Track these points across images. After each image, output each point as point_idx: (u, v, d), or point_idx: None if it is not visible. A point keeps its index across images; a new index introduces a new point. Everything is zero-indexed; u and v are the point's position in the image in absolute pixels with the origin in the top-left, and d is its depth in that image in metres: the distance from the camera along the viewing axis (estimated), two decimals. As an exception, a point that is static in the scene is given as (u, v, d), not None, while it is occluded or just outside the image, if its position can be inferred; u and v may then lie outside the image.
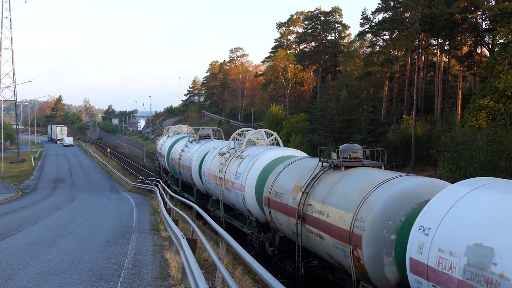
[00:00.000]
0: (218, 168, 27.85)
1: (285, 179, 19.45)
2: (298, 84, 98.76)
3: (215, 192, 29.08)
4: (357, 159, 17.18)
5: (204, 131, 39.39)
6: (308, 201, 16.80)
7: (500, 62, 41.26)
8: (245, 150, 25.89)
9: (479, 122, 40.45)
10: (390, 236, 12.98)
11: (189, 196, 36.88)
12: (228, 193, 25.85)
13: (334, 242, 14.79)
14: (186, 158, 37.76)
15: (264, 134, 27.46)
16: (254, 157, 23.72)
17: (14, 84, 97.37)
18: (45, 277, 15.13)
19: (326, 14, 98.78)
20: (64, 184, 64.21)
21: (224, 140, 38.25)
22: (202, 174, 31.98)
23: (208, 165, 30.47)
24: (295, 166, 19.81)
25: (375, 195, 13.64)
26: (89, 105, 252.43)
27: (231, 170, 25.49)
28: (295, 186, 18.13)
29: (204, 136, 38.73)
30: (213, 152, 30.81)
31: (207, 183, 30.98)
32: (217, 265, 12.30)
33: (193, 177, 35.02)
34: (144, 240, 21.92)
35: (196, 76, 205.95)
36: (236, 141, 28.48)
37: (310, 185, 16.99)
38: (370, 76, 72.32)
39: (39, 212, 35.50)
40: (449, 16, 49.12)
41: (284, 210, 18.64)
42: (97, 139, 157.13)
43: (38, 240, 21.93)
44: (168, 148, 46.63)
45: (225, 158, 27.28)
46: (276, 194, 19.44)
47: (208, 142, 36.05)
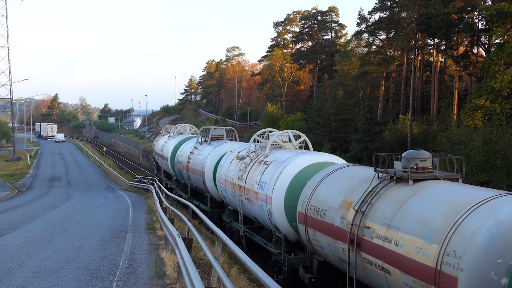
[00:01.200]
0: (236, 175, 24.14)
1: (327, 192, 16.07)
2: (294, 84, 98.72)
3: (232, 202, 25.45)
4: (426, 169, 13.78)
5: (217, 131, 35.20)
6: (364, 223, 13.32)
7: (496, 62, 41.32)
8: (270, 155, 22.34)
9: (475, 122, 40.52)
10: (500, 279, 9.92)
11: (200, 204, 33.22)
12: (250, 204, 22.36)
13: (409, 280, 11.46)
14: (197, 162, 33.41)
15: (291, 135, 23.66)
16: (281, 163, 20.36)
17: (10, 82, 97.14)
18: (40, 276, 15.12)
19: (322, 13, 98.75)
20: (60, 182, 64.08)
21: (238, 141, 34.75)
22: (217, 181, 27.92)
23: (224, 171, 26.51)
24: (340, 176, 16.45)
25: (473, 222, 10.40)
26: (85, 104, 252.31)
27: (253, 178, 22.01)
28: (344, 201, 14.77)
29: (217, 136, 34.71)
30: (230, 155, 26.97)
31: (223, 191, 27.00)
32: (212, 264, 12.31)
33: (207, 183, 30.75)
34: (139, 239, 21.91)
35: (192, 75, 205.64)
36: (257, 144, 24.75)
37: (367, 201, 13.58)
38: (366, 76, 72.31)
39: (35, 210, 35.43)
40: (446, 16, 49.14)
41: (328, 231, 15.23)
42: (93, 138, 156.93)
43: (34, 239, 21.91)
44: (172, 149, 42.66)
45: (245, 163, 23.59)
46: (316, 210, 16.05)
47: (222, 144, 31.93)
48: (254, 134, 25.55)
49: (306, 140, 23.75)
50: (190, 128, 50.69)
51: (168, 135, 51.02)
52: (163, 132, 56.90)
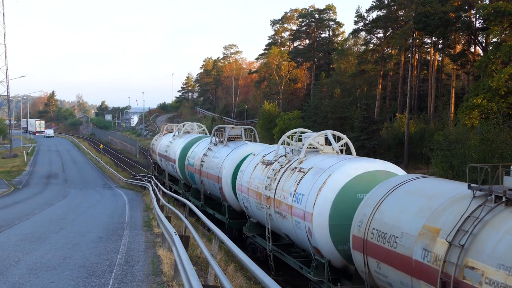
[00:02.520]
0: (263, 183, 20.35)
1: (397, 212, 12.44)
2: (291, 82, 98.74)
3: (257, 214, 21.73)
4: None
5: (234, 131, 31.07)
6: (465, 261, 9.82)
7: (493, 61, 41.35)
8: (305, 160, 18.54)
9: (472, 120, 40.54)
10: None
11: (215, 213, 29.48)
12: (281, 219, 18.58)
13: None
14: (212, 166, 29.33)
15: (331, 137, 19.64)
16: (323, 171, 16.75)
17: (7, 79, 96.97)
18: (37, 273, 15.10)
19: (320, 11, 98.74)
20: (56, 180, 64.00)
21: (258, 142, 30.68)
22: (237, 188, 23.99)
23: (246, 178, 22.66)
24: (412, 192, 12.76)
25: None
26: (82, 101, 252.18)
27: (285, 188, 18.26)
28: (426, 228, 11.23)
29: (233, 137, 30.61)
30: (253, 160, 23.19)
31: (244, 201, 23.09)
32: (209, 262, 12.29)
33: (224, 190, 26.60)
34: (136, 237, 21.91)
35: (189, 73, 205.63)
36: (288, 147, 20.94)
37: (466, 231, 10.10)
38: (363, 74, 72.34)
39: (32, 207, 35.39)
40: (443, 14, 49.18)
41: (401, 265, 11.73)
42: (90, 135, 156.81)
43: (30, 236, 21.89)
44: (180, 150, 38.53)
45: (274, 170, 19.77)
46: (382, 235, 12.41)
47: (240, 146, 28.09)
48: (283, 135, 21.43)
49: (348, 142, 19.50)
50: (198, 126, 46.54)
51: (172, 134, 47.02)
52: (163, 131, 53.25)
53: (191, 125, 46.58)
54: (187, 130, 44.77)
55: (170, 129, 52.53)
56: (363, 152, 52.86)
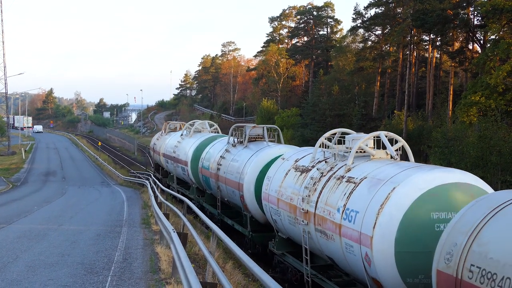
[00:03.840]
0: (298, 194, 17.11)
1: (509, 245, 8.87)
2: (290, 79, 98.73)
3: (290, 230, 18.34)
4: None
5: (255, 130, 27.61)
6: None
7: (491, 58, 41.33)
8: (354, 167, 15.35)
9: (470, 118, 40.54)
10: None
11: (234, 224, 26.17)
12: (323, 239, 15.33)
13: None
14: (231, 170, 25.97)
15: (385, 139, 16.13)
16: (383, 182, 13.52)
17: (5, 77, 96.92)
18: (35, 270, 15.11)
19: (318, 8, 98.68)
20: (55, 177, 63.99)
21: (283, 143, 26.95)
22: (263, 198, 20.70)
23: (275, 186, 19.31)
24: None
25: None
26: (81, 98, 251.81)
27: (330, 202, 15.01)
28: None
29: (255, 137, 27.25)
30: (283, 165, 19.78)
31: (273, 213, 19.63)
32: (207, 259, 12.31)
33: (246, 199, 23.36)
34: (134, 234, 21.92)
35: (188, 70, 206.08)
36: (327, 150, 17.77)
37: None
38: (362, 71, 72.33)
39: (30, 205, 35.38)
40: (441, 11, 49.14)
41: None
42: (88, 133, 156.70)
43: (28, 233, 21.89)
44: (193, 151, 34.86)
45: (313, 178, 16.55)
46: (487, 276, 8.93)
47: (264, 148, 24.72)
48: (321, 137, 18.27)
49: (404, 146, 16.27)
50: (209, 125, 42.54)
51: (178, 133, 43.71)
52: (165, 130, 49.96)
53: (202, 123, 42.70)
54: (198, 129, 40.81)
55: (173, 127, 49.96)
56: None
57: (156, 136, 53.75)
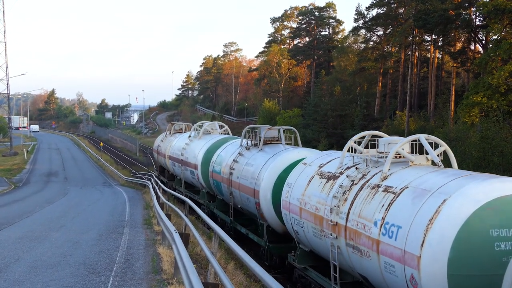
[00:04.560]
0: (325, 204, 15.47)
1: None
2: (291, 79, 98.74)
3: (315, 243, 16.60)
4: None
5: (271, 132, 25.80)
6: None
7: (493, 59, 41.32)
8: (392, 175, 13.69)
9: (472, 118, 40.52)
10: None
11: (248, 233, 24.37)
12: (356, 256, 13.66)
13: None
14: (245, 175, 24.14)
15: (425, 143, 14.20)
16: (429, 193, 11.86)
17: (7, 77, 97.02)
18: (37, 271, 15.12)
19: (320, 9, 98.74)
20: (56, 177, 64.00)
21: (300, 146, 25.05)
22: (283, 206, 18.90)
23: (297, 194, 17.60)
24: None
25: None
26: (82, 99, 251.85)
27: (365, 214, 13.38)
28: None
29: (270, 139, 25.50)
30: (305, 170, 18.08)
31: (294, 224, 17.91)
32: (209, 259, 12.31)
33: (263, 207, 21.58)
34: (136, 234, 21.92)
35: (189, 71, 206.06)
36: (357, 155, 16.04)
37: None
38: (363, 72, 72.36)
39: (32, 205, 35.39)
40: (443, 12, 49.15)
41: None
42: (90, 133, 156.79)
43: (30, 234, 21.89)
44: (203, 154, 32.87)
45: (342, 186, 14.94)
46: None
47: (282, 152, 22.86)
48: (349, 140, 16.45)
49: (447, 151, 14.38)
50: (219, 126, 40.55)
51: (186, 134, 41.73)
52: (170, 131, 48.15)
53: (212, 124, 40.33)
54: (207, 130, 38.71)
55: (178, 128, 48.30)
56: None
57: (160, 138, 52.26)
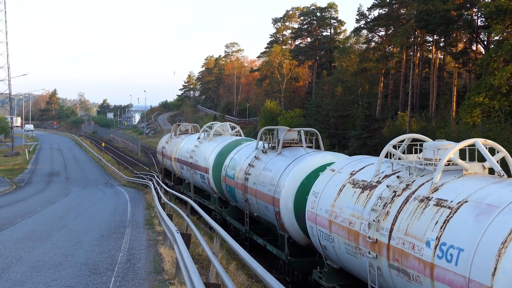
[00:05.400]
0: (360, 217, 13.67)
1: None
2: (293, 80, 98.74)
3: (347, 261, 14.62)
4: None
5: (291, 134, 23.62)
6: None
7: (495, 59, 41.31)
8: (444, 186, 11.88)
9: (473, 119, 40.50)
10: None
11: (266, 244, 22.32)
12: (403, 280, 11.91)
13: None
14: (263, 181, 21.94)
15: (483, 148, 12.34)
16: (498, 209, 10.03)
17: (8, 78, 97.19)
18: (38, 271, 15.13)
19: (321, 10, 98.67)
20: (58, 178, 64.04)
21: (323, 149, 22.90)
22: (308, 218, 16.78)
23: (325, 204, 15.67)
24: None
25: None
26: (84, 99, 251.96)
27: (413, 232, 11.50)
28: None
29: (289, 142, 23.40)
30: (334, 178, 16.21)
31: (322, 237, 15.89)
32: (211, 259, 12.32)
33: (283, 217, 19.46)
34: (138, 235, 21.93)
35: (191, 71, 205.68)
36: (397, 161, 14.10)
37: None
38: (365, 72, 72.28)
39: (33, 206, 35.43)
40: (445, 12, 49.10)
41: None
42: (92, 133, 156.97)
43: (32, 234, 21.91)
44: (214, 157, 31.00)
45: (382, 198, 13.11)
46: None
47: (303, 156, 20.72)
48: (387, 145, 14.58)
49: (506, 158, 12.54)
50: (231, 127, 38.27)
51: (195, 136, 39.96)
52: (176, 132, 46.62)
53: (223, 125, 38.39)
54: (218, 132, 36.75)
55: (184, 129, 46.87)
56: (365, 150, 52.87)
57: (164, 139, 50.68)
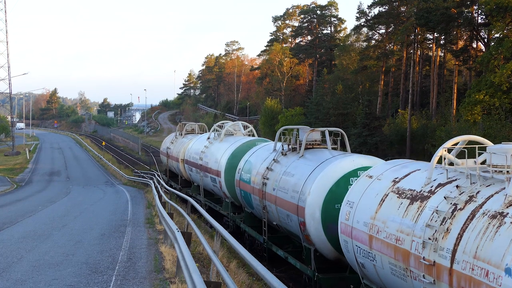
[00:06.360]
0: (411, 233, 11.61)
1: None
2: (293, 78, 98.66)
3: (395, 284, 12.65)
4: None
5: (314, 134, 21.25)
6: None
7: (495, 57, 41.28)
8: None
9: (474, 116, 40.50)
10: None
11: (288, 257, 19.86)
12: None
13: None
14: (284, 187, 19.64)
15: None
16: None
17: (9, 77, 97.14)
18: (39, 270, 15.14)
19: (322, 7, 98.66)
20: (59, 177, 64.03)
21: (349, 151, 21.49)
22: (342, 231, 14.84)
23: (364, 216, 13.67)
24: None
25: None
26: (84, 98, 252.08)
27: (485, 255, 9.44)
28: None
29: (311, 143, 21.09)
30: (371, 185, 14.19)
31: (360, 254, 13.90)
32: (211, 258, 12.32)
33: (309, 227, 17.33)
34: (139, 234, 21.93)
35: (191, 70, 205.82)
36: (452, 168, 11.99)
37: None
38: (365, 70, 72.24)
39: (34, 205, 35.42)
40: (445, 10, 49.08)
41: None
42: (92, 132, 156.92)
43: (33, 233, 21.92)
44: (227, 160, 28.71)
45: (438, 212, 11.03)
46: None
47: (330, 160, 18.43)
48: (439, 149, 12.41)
49: None
50: (244, 126, 35.25)
51: (204, 136, 37.34)
52: (182, 131, 44.64)
53: (235, 124, 35.38)
54: (230, 131, 33.98)
55: (190, 129, 44.86)
56: (365, 148, 52.85)
57: (169, 139, 48.47)
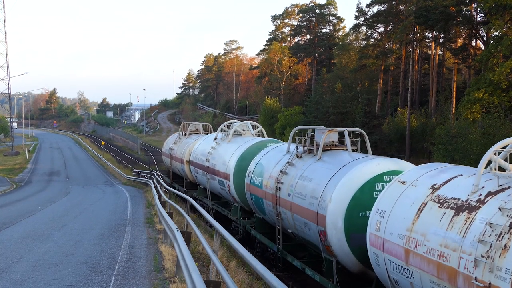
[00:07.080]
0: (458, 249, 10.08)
1: None
2: (292, 77, 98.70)
3: None
4: None
5: (331, 135, 19.43)
6: None
7: (494, 55, 41.28)
8: None
9: (473, 114, 40.50)
10: None
11: (305, 268, 18.16)
12: None
13: None
14: (301, 192, 17.97)
15: None
16: None
17: (8, 77, 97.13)
18: (39, 270, 15.13)
19: (321, 6, 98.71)
20: (58, 177, 64.00)
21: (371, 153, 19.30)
22: (372, 243, 13.32)
23: (398, 227, 12.23)
24: None
25: None
26: (84, 98, 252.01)
27: None
28: None
29: (329, 145, 19.30)
30: (405, 192, 12.75)
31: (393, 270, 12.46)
32: (211, 257, 12.31)
33: (331, 238, 15.69)
34: (138, 233, 21.92)
35: (190, 69, 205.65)
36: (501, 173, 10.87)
37: None
38: (364, 69, 72.27)
39: (33, 205, 35.39)
40: (444, 8, 49.09)
41: None
42: (92, 132, 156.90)
43: (33, 233, 21.90)
44: (236, 162, 26.93)
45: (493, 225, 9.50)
46: None
47: (352, 163, 16.75)
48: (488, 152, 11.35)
49: None
50: (253, 126, 33.10)
51: (211, 136, 35.19)
52: (186, 131, 43.12)
53: (244, 124, 32.96)
54: (238, 132, 31.90)
55: (194, 129, 43.35)
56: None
57: (171, 139, 46.89)
